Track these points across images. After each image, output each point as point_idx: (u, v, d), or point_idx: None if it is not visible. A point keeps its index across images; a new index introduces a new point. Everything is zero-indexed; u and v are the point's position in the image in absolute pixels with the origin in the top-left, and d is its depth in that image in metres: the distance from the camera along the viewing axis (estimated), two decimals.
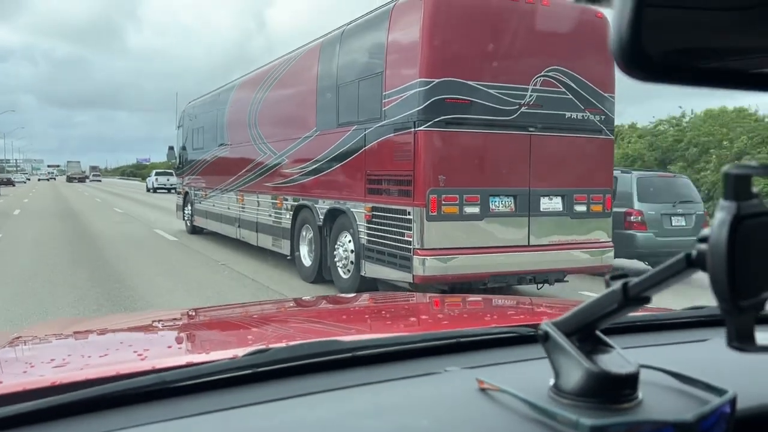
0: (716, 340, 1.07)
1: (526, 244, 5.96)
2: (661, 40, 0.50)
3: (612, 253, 6.39)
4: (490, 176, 5.81)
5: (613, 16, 0.48)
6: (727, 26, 0.52)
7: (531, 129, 5.91)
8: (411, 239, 5.68)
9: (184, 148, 14.72)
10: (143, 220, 17.96)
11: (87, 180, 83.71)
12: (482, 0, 5.73)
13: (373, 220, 6.33)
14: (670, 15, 0.50)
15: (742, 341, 0.55)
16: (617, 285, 0.69)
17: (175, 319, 1.85)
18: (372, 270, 6.39)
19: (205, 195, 12.68)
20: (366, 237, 6.48)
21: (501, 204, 5.86)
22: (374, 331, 1.59)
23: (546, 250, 6.02)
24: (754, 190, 0.55)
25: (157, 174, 45.75)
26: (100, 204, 28.08)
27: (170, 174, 42.48)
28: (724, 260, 0.53)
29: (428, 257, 5.58)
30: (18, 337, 1.45)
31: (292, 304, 2.35)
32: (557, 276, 6.15)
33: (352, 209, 6.75)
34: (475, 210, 5.71)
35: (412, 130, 5.62)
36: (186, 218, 14.41)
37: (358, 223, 6.64)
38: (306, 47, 8.37)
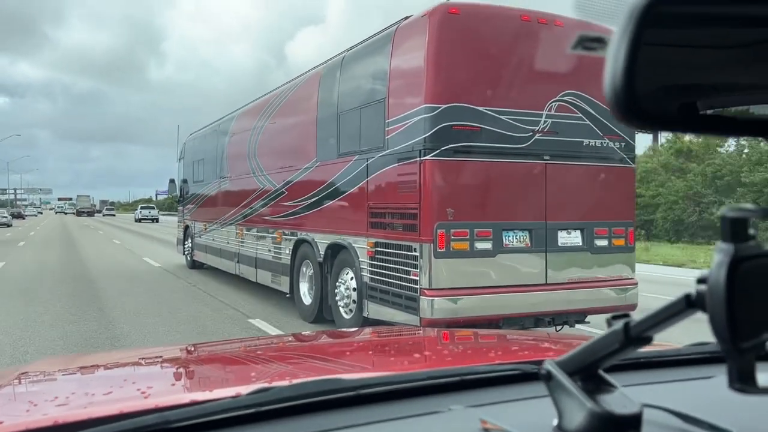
0: (721, 377, 1.00)
1: (544, 282, 5.46)
2: (656, 90, 0.50)
3: (636, 291, 5.88)
4: (502, 209, 5.35)
5: (608, 65, 0.49)
6: (722, 67, 0.52)
7: (546, 157, 5.46)
8: (417, 278, 5.19)
9: (185, 180, 14.43)
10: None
11: (100, 214, 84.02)
12: (491, 20, 5.34)
13: (377, 256, 5.86)
14: (664, 62, 0.50)
15: (744, 382, 0.54)
16: (618, 325, 0.69)
17: (177, 355, 1.84)
18: (376, 311, 5.89)
19: (205, 229, 12.29)
20: (369, 275, 6.00)
21: (515, 239, 5.38)
22: (378, 367, 1.58)
23: (565, 288, 5.52)
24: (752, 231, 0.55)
25: (141, 208, 59.11)
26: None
27: (152, 208, 59.07)
28: (723, 301, 0.53)
29: (436, 298, 5.08)
30: (21, 374, 1.43)
31: (291, 339, 2.32)
32: (578, 317, 5.63)
33: (353, 244, 6.30)
34: (488, 246, 5.23)
35: (418, 159, 5.19)
36: (186, 253, 14.02)
37: (360, 259, 6.17)
38: (305, 75, 8.03)
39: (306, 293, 7.62)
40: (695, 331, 0.90)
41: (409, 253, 5.32)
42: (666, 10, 0.50)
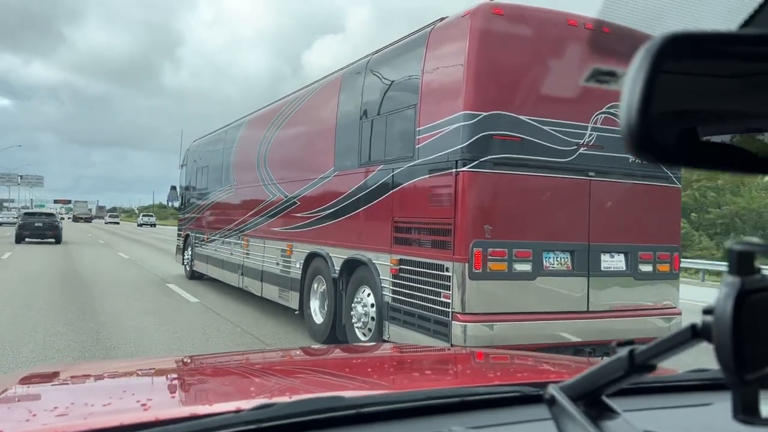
0: (719, 404, 1.07)
1: (585, 309, 5.01)
2: (671, 126, 0.51)
3: (680, 321, 5.43)
4: (543, 227, 4.90)
5: (623, 100, 0.51)
6: (739, 109, 0.54)
7: (591, 173, 5.03)
8: (449, 300, 4.73)
9: (187, 188, 13.98)
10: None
11: (102, 221, 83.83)
12: (536, 23, 4.94)
13: (401, 275, 5.41)
14: (680, 99, 0.51)
15: (748, 414, 0.55)
16: (624, 352, 0.70)
17: (177, 366, 1.80)
18: (398, 334, 5.42)
19: (207, 238, 11.81)
20: (391, 294, 5.54)
21: (556, 261, 4.93)
22: (380, 385, 1.57)
23: (607, 317, 5.06)
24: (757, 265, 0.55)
25: (143, 215, 71.04)
26: None
27: (151, 216, 69.59)
28: (729, 333, 0.53)
29: (470, 323, 4.62)
30: (19, 382, 1.41)
31: (296, 353, 2.27)
32: None
33: (374, 261, 5.84)
34: (527, 267, 4.78)
35: (453, 171, 4.75)
36: (185, 263, 13.53)
37: (381, 277, 5.71)
38: (324, 80, 7.62)
39: (317, 311, 7.14)
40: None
41: (440, 272, 4.86)
42: (683, 49, 0.50)
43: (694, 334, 0.60)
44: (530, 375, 1.63)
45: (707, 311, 0.57)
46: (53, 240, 26.00)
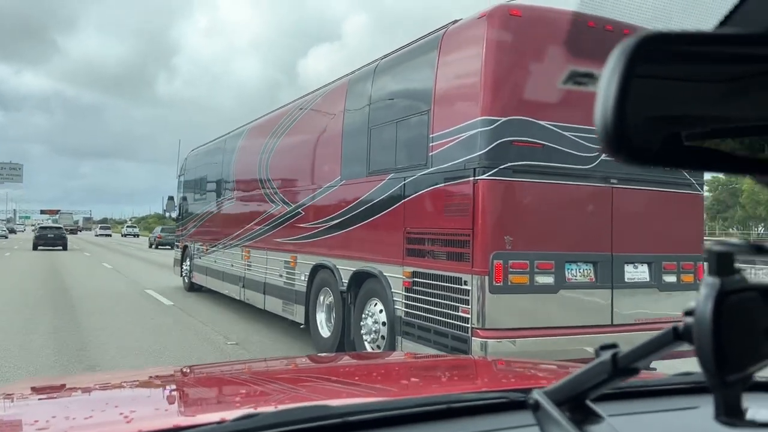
0: (705, 408, 0.99)
1: (609, 322, 4.79)
2: (647, 126, 0.51)
3: None
4: (565, 238, 4.69)
5: (598, 100, 0.49)
6: (712, 100, 0.53)
7: (613, 181, 4.83)
8: (468, 315, 4.51)
9: (185, 198, 13.75)
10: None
11: (90, 233, 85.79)
12: (555, 25, 4.74)
13: (414, 288, 5.18)
14: (655, 98, 0.51)
15: (730, 415, 0.54)
16: (606, 356, 0.70)
17: (162, 378, 1.76)
18: (412, 350, 5.19)
19: (206, 250, 11.56)
20: (404, 308, 5.31)
21: (579, 272, 4.72)
22: (367, 393, 1.57)
23: (632, 330, 4.84)
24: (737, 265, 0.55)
25: (127, 227, 74.94)
26: None
27: (134, 227, 74.41)
28: (710, 334, 0.53)
29: (491, 339, 4.40)
30: (1, 396, 1.39)
31: (305, 360, 2.24)
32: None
33: (385, 273, 5.61)
34: (549, 280, 4.56)
35: (471, 179, 4.54)
36: (184, 274, 13.27)
37: (393, 290, 5.48)
38: (329, 86, 7.42)
39: (323, 324, 6.91)
40: None
41: (457, 286, 4.64)
42: (657, 47, 0.50)
43: (676, 336, 0.60)
44: (517, 381, 1.63)
45: (688, 312, 0.56)
46: (61, 247, 32.69)
